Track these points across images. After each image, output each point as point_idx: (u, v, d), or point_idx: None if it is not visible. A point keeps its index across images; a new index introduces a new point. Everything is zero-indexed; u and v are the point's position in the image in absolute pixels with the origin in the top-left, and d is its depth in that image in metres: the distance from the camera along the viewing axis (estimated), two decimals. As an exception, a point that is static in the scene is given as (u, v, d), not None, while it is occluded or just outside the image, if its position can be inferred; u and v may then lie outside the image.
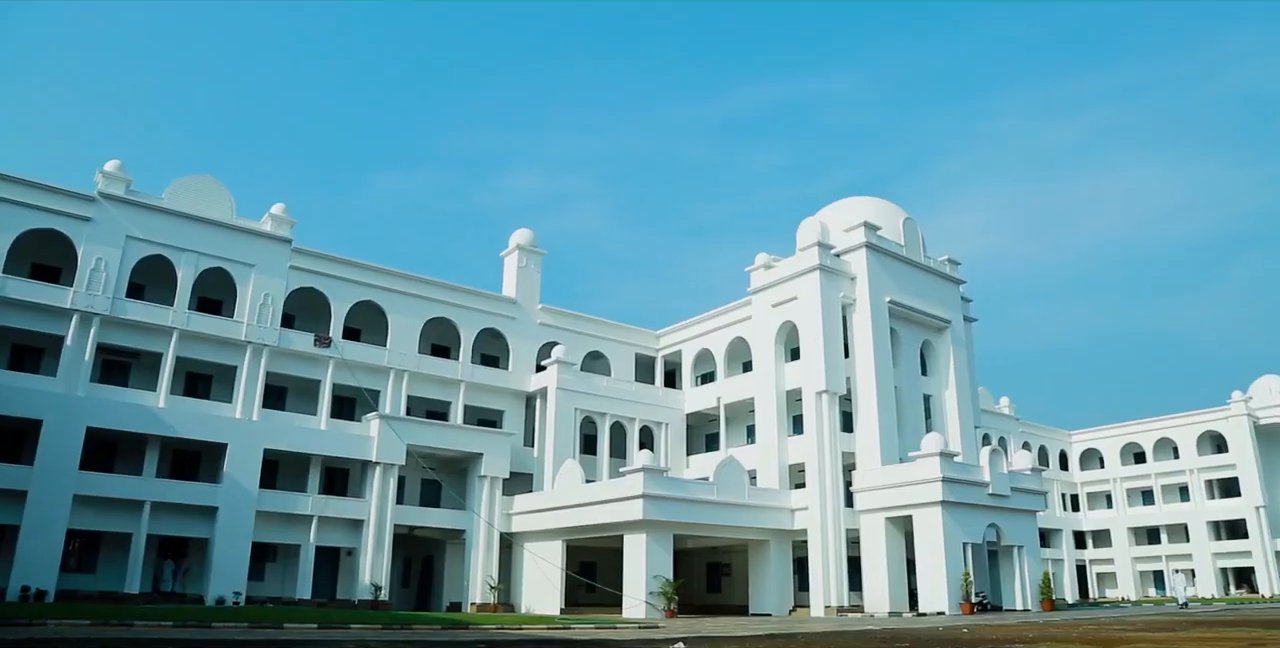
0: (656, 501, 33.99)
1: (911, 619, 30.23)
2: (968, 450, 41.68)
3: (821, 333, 39.24)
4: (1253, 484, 63.32)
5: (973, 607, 33.48)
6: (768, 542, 38.13)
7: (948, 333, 44.79)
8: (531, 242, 46.30)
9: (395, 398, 39.42)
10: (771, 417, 41.00)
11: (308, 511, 35.47)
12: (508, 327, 43.99)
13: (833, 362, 39.17)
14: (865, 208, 44.56)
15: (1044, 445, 70.26)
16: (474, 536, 39.42)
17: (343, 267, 39.52)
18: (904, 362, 42.32)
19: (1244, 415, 64.90)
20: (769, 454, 40.51)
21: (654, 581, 33.77)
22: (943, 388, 44.45)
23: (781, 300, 41.72)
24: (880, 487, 36.56)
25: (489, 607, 38.15)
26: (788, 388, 41.30)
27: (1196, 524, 66.01)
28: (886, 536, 35.85)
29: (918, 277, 43.97)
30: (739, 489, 37.02)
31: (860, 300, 40.79)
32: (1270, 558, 62.15)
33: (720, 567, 45.33)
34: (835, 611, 35.58)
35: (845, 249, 41.64)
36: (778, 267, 42.92)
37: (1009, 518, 37.63)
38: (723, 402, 44.55)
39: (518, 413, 43.84)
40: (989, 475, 36.82)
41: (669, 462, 43.82)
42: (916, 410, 42.42)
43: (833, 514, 37.12)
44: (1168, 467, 68.81)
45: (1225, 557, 65.08)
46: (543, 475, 41.50)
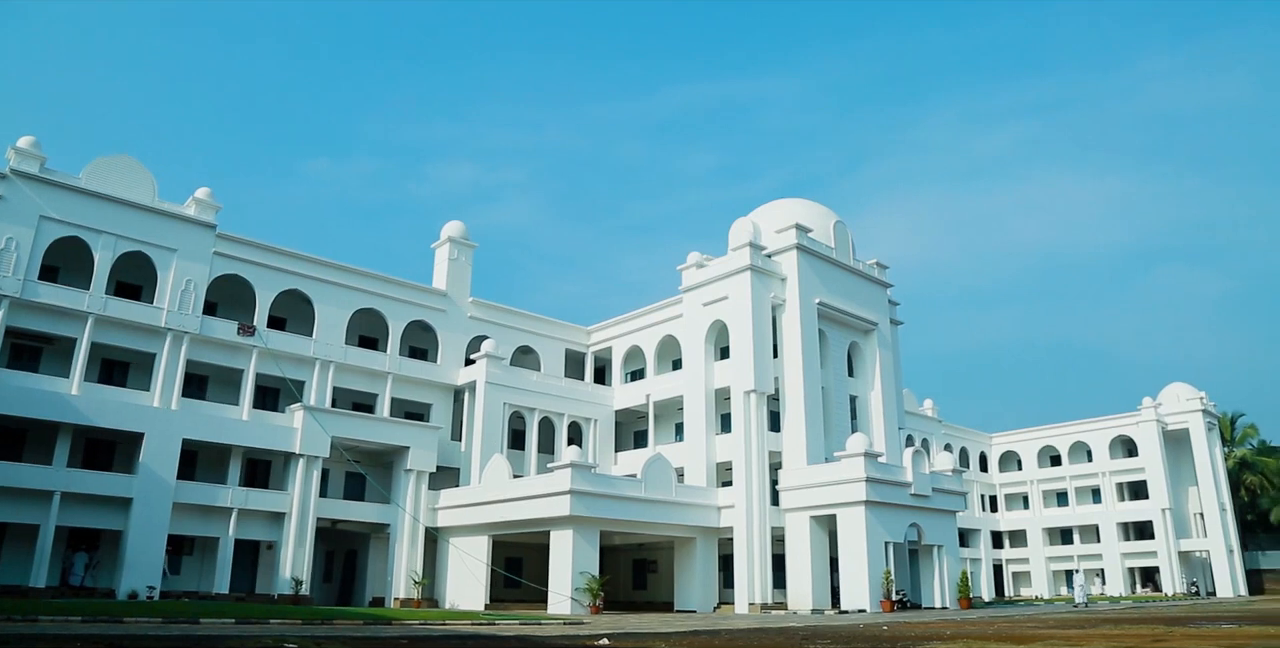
0: (584, 497, 33.96)
1: (833, 617, 30.71)
2: (891, 451, 42.45)
3: (751, 333, 39.59)
4: (1160, 487, 65.73)
5: (893, 605, 34.17)
6: (694, 539, 38.38)
7: (875, 335, 45.53)
8: (463, 234, 45.84)
9: (321, 389, 38.68)
10: (700, 415, 41.25)
11: (227, 503, 34.61)
12: (437, 319, 43.51)
13: (762, 361, 39.55)
14: (797, 210, 45.08)
15: (965, 447, 71.87)
16: (398, 530, 38.94)
17: (269, 254, 38.62)
18: (831, 363, 42.91)
19: (1153, 421, 67.30)
20: (697, 452, 40.76)
21: (580, 577, 33.73)
22: (869, 389, 45.19)
23: (712, 300, 41.99)
24: (805, 486, 37.05)
25: (413, 602, 37.73)
26: (717, 387, 41.58)
27: (1107, 525, 68.26)
28: (811, 534, 36.35)
29: (847, 279, 44.61)
30: (666, 487, 37.18)
31: (790, 301, 41.25)
32: (1174, 558, 64.58)
33: (646, 564, 45.50)
34: (759, 608, 35.96)
35: (776, 250, 42.06)
36: (709, 266, 43.17)
37: (930, 518, 38.46)
38: (652, 399, 44.72)
39: (445, 407, 43.39)
40: (911, 476, 37.57)
41: (597, 458, 43.82)
42: (843, 411, 43.05)
43: (758, 513, 37.49)
44: (1082, 470, 71.01)
45: (1133, 557, 67.44)
46: (470, 470, 41.18)
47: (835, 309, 42.88)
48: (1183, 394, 69.51)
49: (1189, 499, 68.36)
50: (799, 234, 41.96)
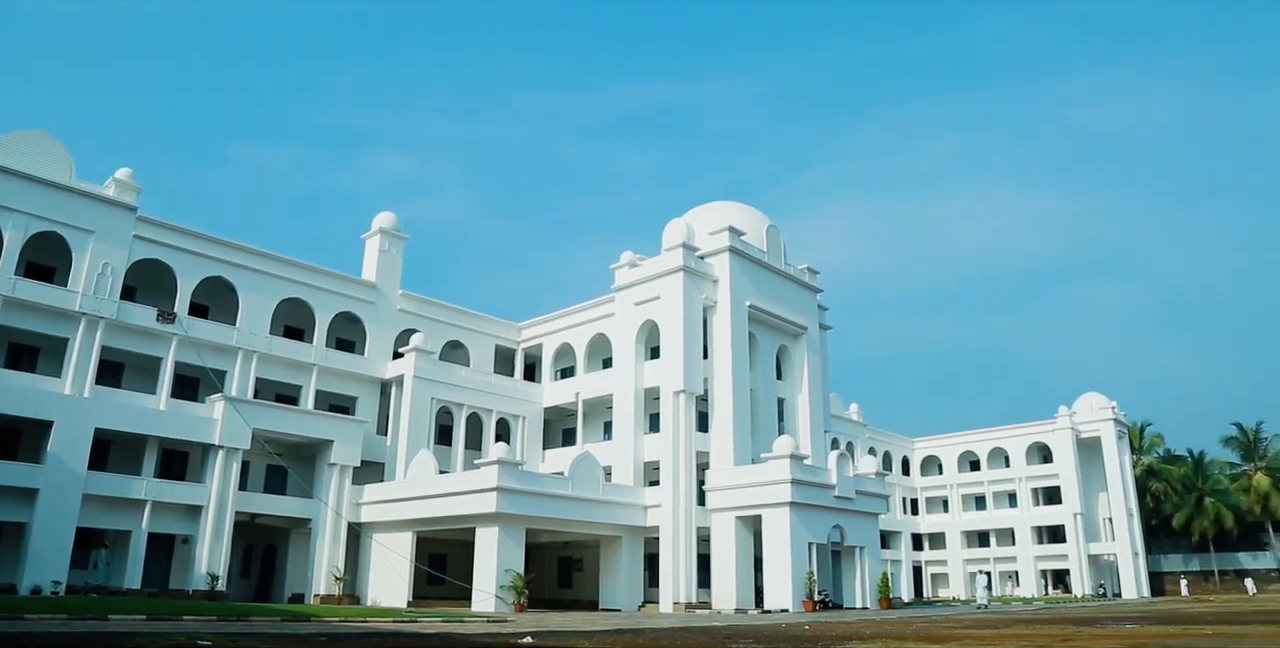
0: (510, 494, 33.71)
1: (757, 616, 30.98)
2: (817, 454, 42.93)
3: (682, 333, 39.70)
4: (1072, 493, 67.80)
5: (815, 604, 34.60)
6: (620, 538, 38.36)
7: (804, 339, 46.01)
8: (394, 225, 45.14)
9: (243, 380, 37.70)
10: (629, 414, 41.24)
11: (141, 495, 33.50)
12: (366, 311, 42.77)
13: (691, 362, 39.69)
14: (731, 213, 45.35)
15: (889, 451, 73.16)
16: (320, 525, 38.18)
17: (192, 239, 37.49)
18: (760, 365, 43.25)
19: (1068, 429, 69.39)
20: (625, 451, 40.73)
21: (505, 574, 33.47)
22: (796, 392, 45.65)
23: (644, 299, 41.99)
24: (732, 486, 37.28)
25: (333, 599, 37.04)
26: (646, 386, 41.60)
27: (1022, 529, 70.20)
28: (736, 534, 36.58)
29: (778, 283, 45.01)
30: (594, 485, 37.10)
31: (721, 303, 41.47)
32: (1084, 561, 66.71)
33: (572, 562, 45.35)
34: (684, 607, 36.09)
35: (709, 252, 42.24)
36: (643, 266, 43.19)
37: (853, 520, 39.02)
38: (581, 397, 44.57)
39: (372, 400, 42.68)
40: (836, 479, 38.07)
41: (525, 455, 43.56)
42: (770, 413, 43.43)
43: (685, 512, 37.62)
44: (1000, 475, 72.88)
45: (1045, 559, 69.53)
46: (395, 465, 40.57)
47: (766, 312, 43.22)
48: (1096, 404, 71.78)
49: (1099, 505, 70.64)
50: (732, 237, 42.20)
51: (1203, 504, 78.07)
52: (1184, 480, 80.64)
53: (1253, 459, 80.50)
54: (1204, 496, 78.73)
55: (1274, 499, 77.05)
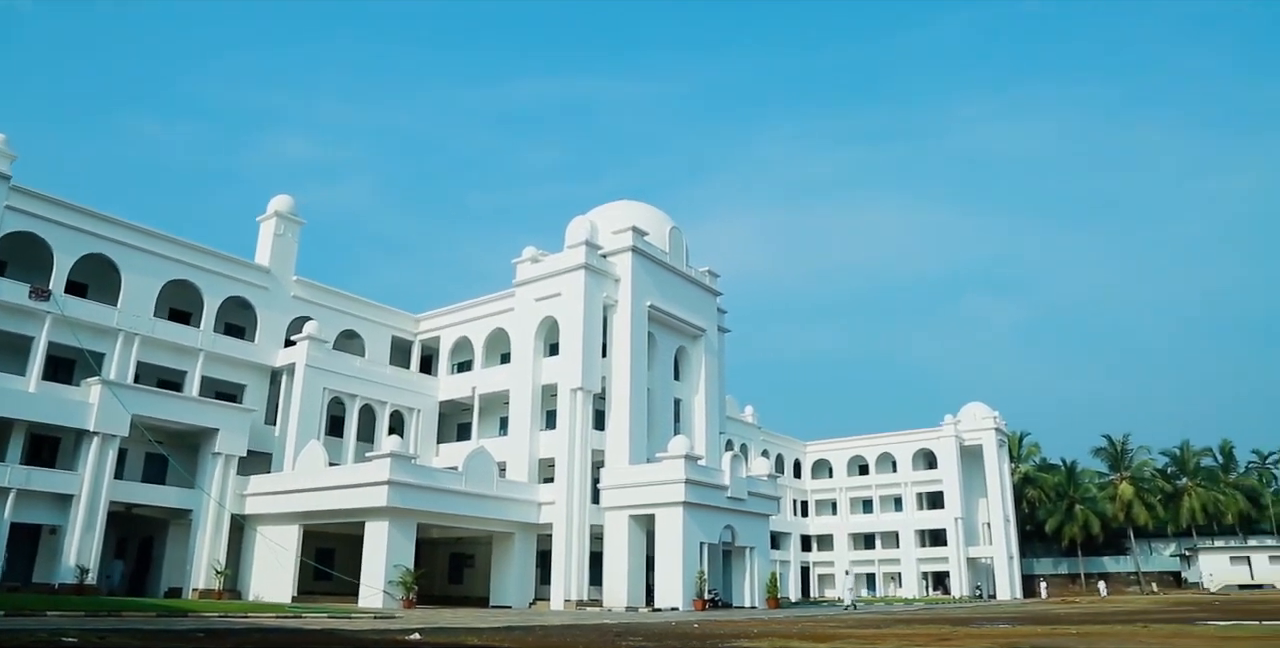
0: (402, 488, 33.10)
1: (647, 614, 31.10)
2: (711, 455, 43.37)
3: (582, 331, 39.62)
4: (954, 498, 70.19)
5: (705, 603, 34.95)
6: (513, 534, 38.06)
7: (702, 341, 46.44)
8: (291, 209, 43.79)
9: (123, 363, 36.00)
10: (526, 410, 40.95)
11: (5, 482, 31.63)
12: (258, 296, 41.41)
13: (590, 360, 39.64)
14: (635, 213, 45.47)
15: (781, 454, 74.38)
16: (201, 516, 36.78)
17: (72, 213, 35.51)
18: (659, 365, 43.49)
19: (952, 437, 71.77)
20: (520, 447, 40.44)
21: (394, 570, 32.85)
22: (693, 393, 46.05)
23: (545, 295, 41.74)
24: (626, 485, 37.38)
25: (213, 593, 35.72)
26: (544, 383, 41.37)
27: (906, 532, 72.35)
28: (629, 533, 36.69)
29: (679, 284, 45.32)
30: (488, 481, 36.72)
31: (622, 302, 41.54)
32: (963, 564, 69.13)
33: (463, 558, 44.76)
34: (575, 605, 36.02)
35: (612, 251, 42.26)
36: (544, 262, 42.94)
37: (744, 521, 39.55)
38: (478, 392, 44.05)
39: (261, 389, 41.34)
40: (729, 480, 38.53)
41: (418, 449, 42.79)
42: (666, 413, 43.72)
43: (579, 510, 37.56)
44: (887, 480, 74.94)
45: (927, 562, 71.83)
46: (283, 456, 39.43)
47: (666, 313, 43.47)
48: (979, 413, 74.47)
49: (979, 510, 73.25)
50: (635, 237, 42.32)
51: (1073, 511, 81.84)
52: (1057, 488, 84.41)
53: (1119, 469, 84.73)
54: (1075, 503, 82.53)
55: (1136, 507, 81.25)
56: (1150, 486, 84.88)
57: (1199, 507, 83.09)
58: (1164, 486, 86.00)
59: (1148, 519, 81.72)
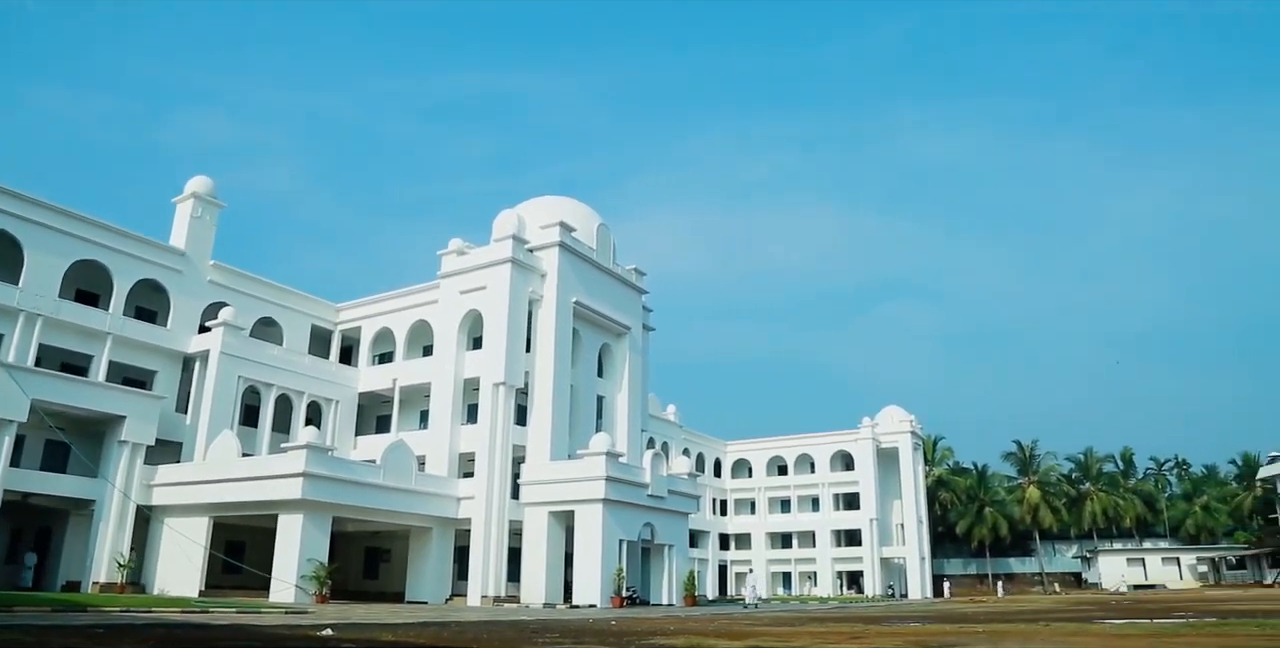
0: (318, 480, 32.44)
1: (565, 611, 30.99)
2: (633, 452, 43.43)
3: (506, 325, 39.31)
4: (870, 500, 71.46)
5: (623, 601, 34.99)
6: (431, 529, 37.61)
7: (627, 339, 46.47)
8: (210, 191, 42.43)
9: (23, 344, 34.37)
10: (447, 404, 40.48)
11: (-108, 467, 30.20)
12: (171, 280, 40.09)
13: (514, 355, 39.37)
14: (563, 208, 45.30)
15: (702, 453, 74.83)
16: (105, 507, 35.43)
17: (-32, 188, 33.98)
18: (582, 362, 43.39)
19: (870, 439, 73.07)
20: (441, 441, 39.96)
21: (307, 564, 32.18)
22: (616, 391, 46.05)
23: (470, 288, 41.30)
24: (547, 481, 37.20)
25: (115, 587, 34.45)
26: (466, 376, 40.94)
27: (823, 532, 73.43)
28: (548, 529, 36.52)
29: (605, 281, 45.27)
30: (406, 475, 36.21)
31: (548, 298, 41.33)
32: (876, 564, 70.43)
33: (380, 552, 44.03)
34: (492, 601, 35.73)
35: (539, 246, 42.02)
36: (470, 254, 42.49)
37: (664, 519, 39.70)
38: (399, 384, 43.39)
39: (172, 375, 40.04)
40: (650, 477, 38.63)
41: (336, 441, 42.01)
42: (589, 410, 43.64)
43: (498, 505, 37.29)
44: (805, 480, 75.93)
45: (842, 561, 73.02)
46: (195, 446, 38.24)
47: (591, 310, 43.39)
48: (896, 416, 75.94)
49: (893, 511, 74.71)
50: (563, 232, 42.15)
51: (983, 514, 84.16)
52: (969, 491, 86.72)
53: (1028, 474, 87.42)
54: (985, 506, 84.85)
55: (1042, 511, 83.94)
56: (1056, 490, 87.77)
57: (1100, 510, 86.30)
58: (1069, 490, 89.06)
59: (1052, 522, 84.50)
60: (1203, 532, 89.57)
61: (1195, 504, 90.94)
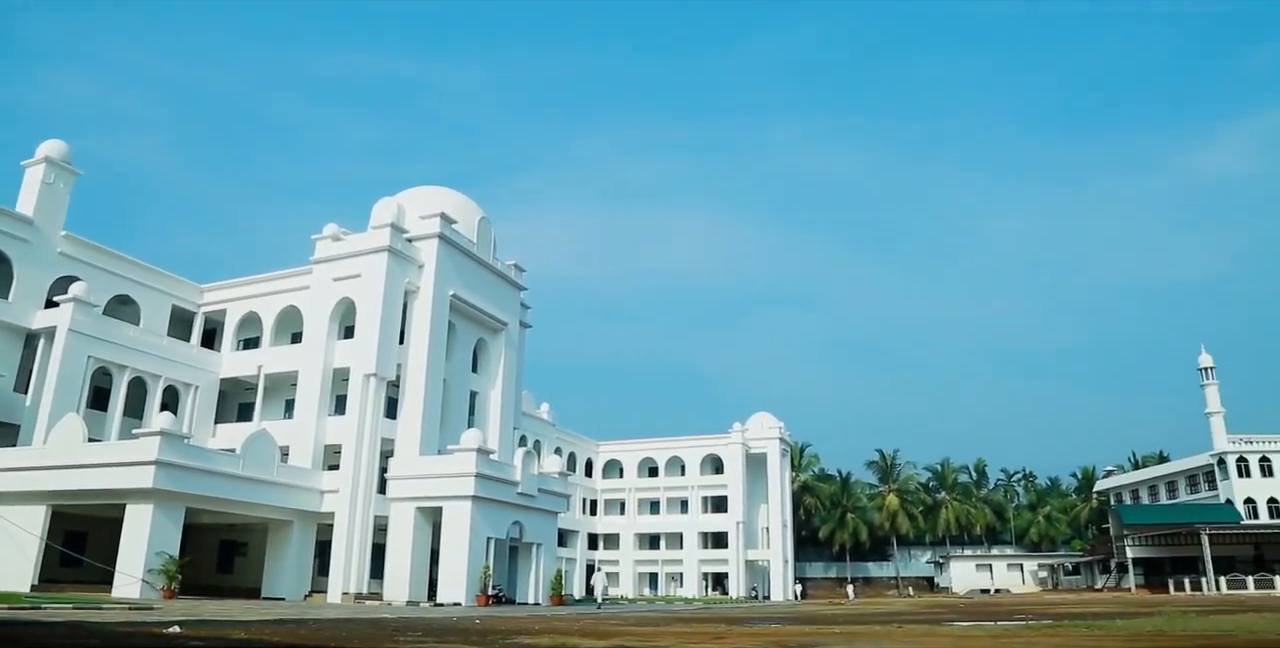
0: (171, 469, 30.89)
1: (429, 609, 30.44)
2: (504, 450, 43.00)
3: (380, 315, 38.42)
4: (738, 503, 72.62)
5: (489, 599, 34.60)
6: (292, 523, 36.36)
7: (503, 335, 46.01)
8: (65, 156, 39.81)
9: None
10: (314, 393, 39.22)
11: None
12: (17, 250, 37.46)
13: (386, 346, 38.49)
14: (446, 199, 44.59)
15: (574, 453, 74.66)
16: (-75, 494, 32.98)
17: None
18: (457, 356, 42.75)
19: (740, 444, 74.27)
20: (306, 432, 38.68)
21: (156, 557, 30.57)
22: (490, 387, 45.52)
23: (344, 275, 40.15)
24: (415, 476, 36.51)
25: (-67, 580, 32.07)
26: (336, 366, 39.79)
27: (690, 534, 74.21)
28: (415, 525, 35.80)
29: (484, 276, 44.73)
30: (268, 465, 34.90)
31: (424, 289, 40.58)
32: (741, 566, 71.61)
33: (235, 546, 42.22)
34: (354, 598, 34.82)
35: (418, 236, 41.23)
36: (347, 241, 41.34)
37: (533, 517, 39.42)
38: (264, 371, 41.77)
39: (12, 352, 37.41)
40: (520, 475, 38.32)
41: (194, 428, 40.18)
42: (461, 405, 43.03)
43: (364, 500, 36.39)
44: (675, 482, 76.59)
45: (708, 563, 73.95)
46: (35, 429, 35.84)
47: (468, 304, 42.80)
48: (766, 422, 77.46)
49: (760, 515, 76.14)
50: (443, 224, 41.47)
51: (845, 519, 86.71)
52: (832, 497, 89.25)
53: (888, 482, 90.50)
54: (847, 511, 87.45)
55: (900, 517, 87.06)
56: (914, 498, 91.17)
57: (953, 518, 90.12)
58: (926, 498, 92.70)
59: (910, 529, 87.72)
60: (1044, 540, 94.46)
61: (1039, 514, 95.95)
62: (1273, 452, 71.31)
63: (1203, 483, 75.63)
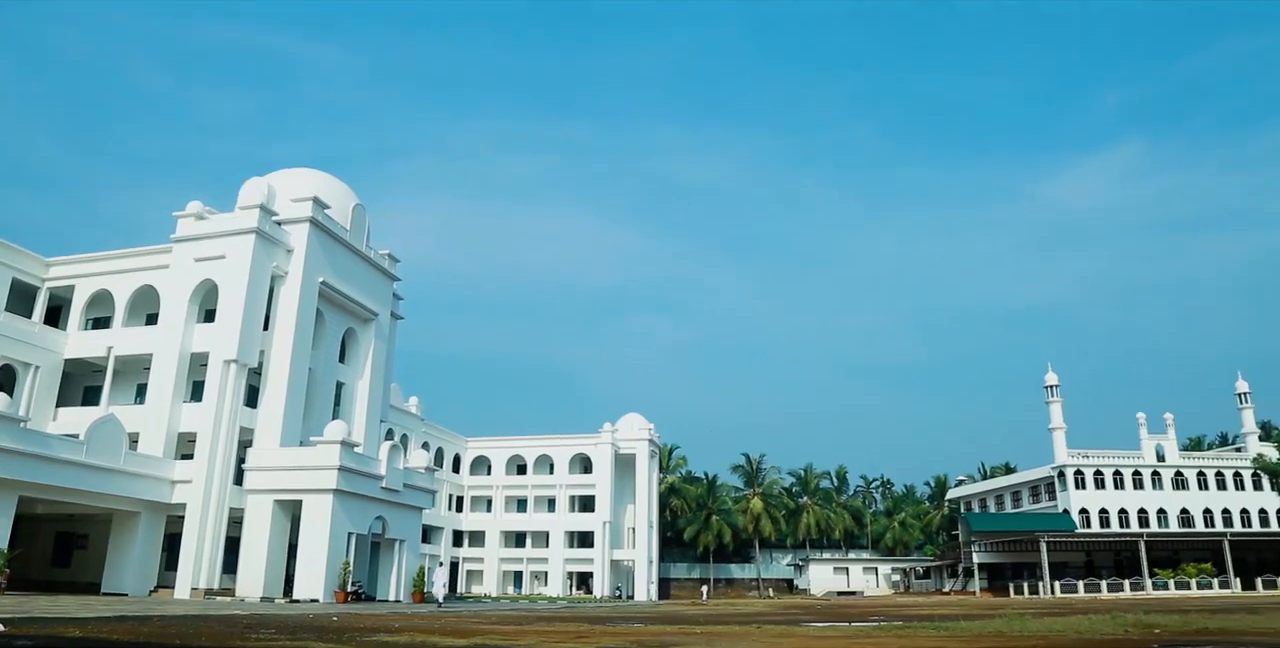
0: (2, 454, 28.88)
1: (284, 605, 29.50)
2: (370, 443, 42.00)
3: (244, 299, 37.05)
4: (605, 503, 72.75)
5: (348, 596, 33.77)
6: (139, 514, 34.60)
7: (373, 325, 44.96)
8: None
9: None
10: (170, 378, 37.39)
11: None
12: None
13: (250, 332, 37.15)
14: (319, 183, 43.41)
15: (442, 448, 73.42)
16: None
17: None
18: (324, 345, 41.57)
19: (609, 444, 74.44)
20: (159, 419, 36.87)
21: (-20, 550, 28.64)
22: (357, 378, 44.41)
23: (207, 256, 38.51)
24: (275, 468, 35.43)
25: None
26: (194, 351, 38.13)
27: (556, 533, 73.91)
28: (273, 519, 34.69)
29: (356, 264, 43.65)
30: (115, 453, 33.09)
31: (293, 275, 39.33)
32: (606, 566, 71.74)
33: (74, 538, 39.77)
34: (203, 593, 33.45)
35: (289, 219, 39.98)
36: (211, 220, 39.68)
37: (397, 513, 38.62)
38: (115, 353, 39.52)
39: None
40: (386, 470, 37.52)
41: (32, 411, 37.70)
42: (327, 396, 41.85)
43: (218, 491, 35.00)
44: (543, 480, 76.15)
45: (574, 562, 73.79)
46: None
47: (338, 292, 41.67)
48: (636, 423, 77.88)
49: (626, 515, 76.48)
50: (316, 208, 40.30)
51: (710, 521, 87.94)
52: (698, 499, 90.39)
53: (753, 485, 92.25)
54: (712, 514, 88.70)
55: (764, 520, 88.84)
56: (777, 502, 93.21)
57: (814, 522, 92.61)
58: (789, 502, 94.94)
59: (772, 532, 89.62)
60: (899, 545, 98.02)
61: (894, 520, 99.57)
62: (1106, 466, 76.35)
63: (1044, 493, 79.95)
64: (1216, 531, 73.73)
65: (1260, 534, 74.12)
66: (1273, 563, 70.23)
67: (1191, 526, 75.54)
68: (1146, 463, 76.97)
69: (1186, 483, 77.03)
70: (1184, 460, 78.28)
